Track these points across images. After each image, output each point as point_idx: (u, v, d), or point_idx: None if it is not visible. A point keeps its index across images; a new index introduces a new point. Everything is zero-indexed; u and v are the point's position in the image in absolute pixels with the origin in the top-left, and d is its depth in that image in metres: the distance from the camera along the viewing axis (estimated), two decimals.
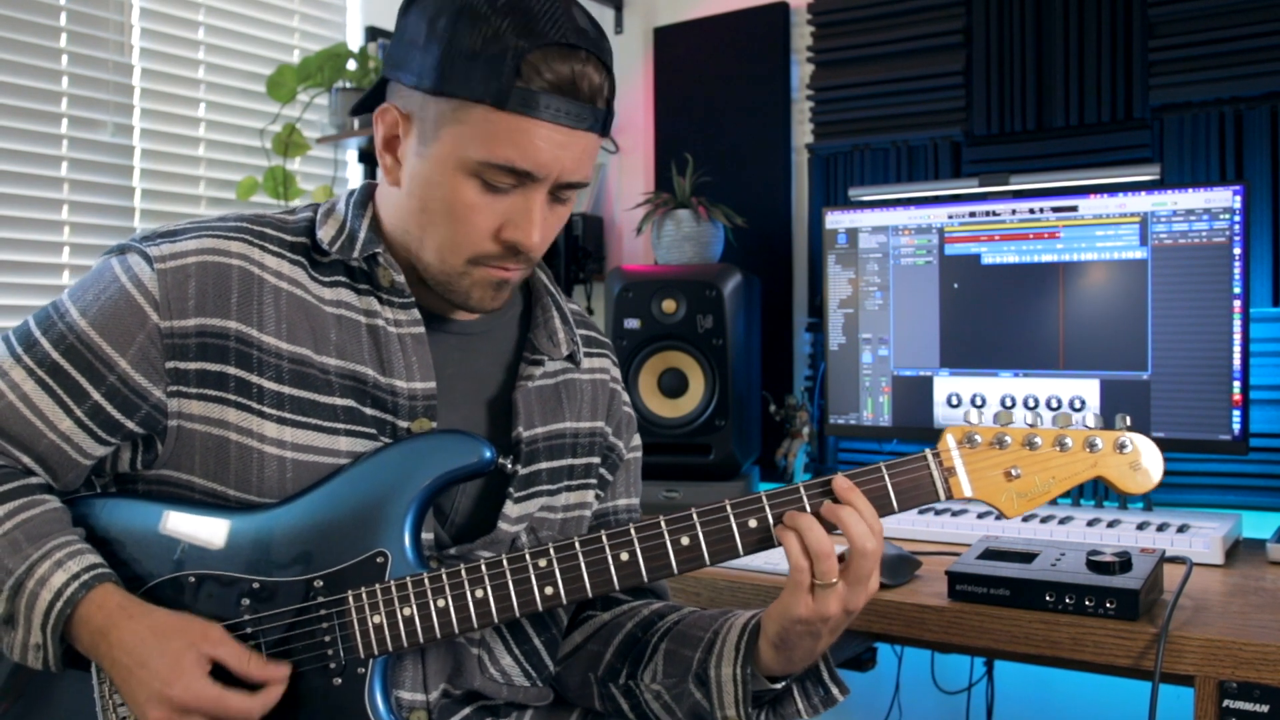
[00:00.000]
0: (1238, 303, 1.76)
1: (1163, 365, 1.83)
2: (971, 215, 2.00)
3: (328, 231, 1.15)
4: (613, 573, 1.07)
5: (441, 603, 1.06)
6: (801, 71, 2.46)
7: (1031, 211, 1.94)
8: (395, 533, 1.07)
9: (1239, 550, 1.71)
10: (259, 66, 2.85)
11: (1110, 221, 1.87)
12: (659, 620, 1.24)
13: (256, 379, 1.08)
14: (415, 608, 1.06)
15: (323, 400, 1.10)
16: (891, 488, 1.08)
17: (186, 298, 1.08)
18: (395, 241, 1.15)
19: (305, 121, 2.83)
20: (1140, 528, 1.70)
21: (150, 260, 1.09)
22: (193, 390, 1.08)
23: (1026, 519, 1.76)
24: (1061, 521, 1.75)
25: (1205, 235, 1.79)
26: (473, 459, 1.09)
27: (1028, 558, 1.45)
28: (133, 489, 1.13)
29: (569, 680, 1.26)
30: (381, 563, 1.07)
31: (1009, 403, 1.95)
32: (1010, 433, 1.10)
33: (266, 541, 1.07)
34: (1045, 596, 1.35)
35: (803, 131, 2.46)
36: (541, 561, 1.07)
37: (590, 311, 2.61)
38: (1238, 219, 1.76)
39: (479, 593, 1.06)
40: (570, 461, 1.24)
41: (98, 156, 2.53)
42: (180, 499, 1.10)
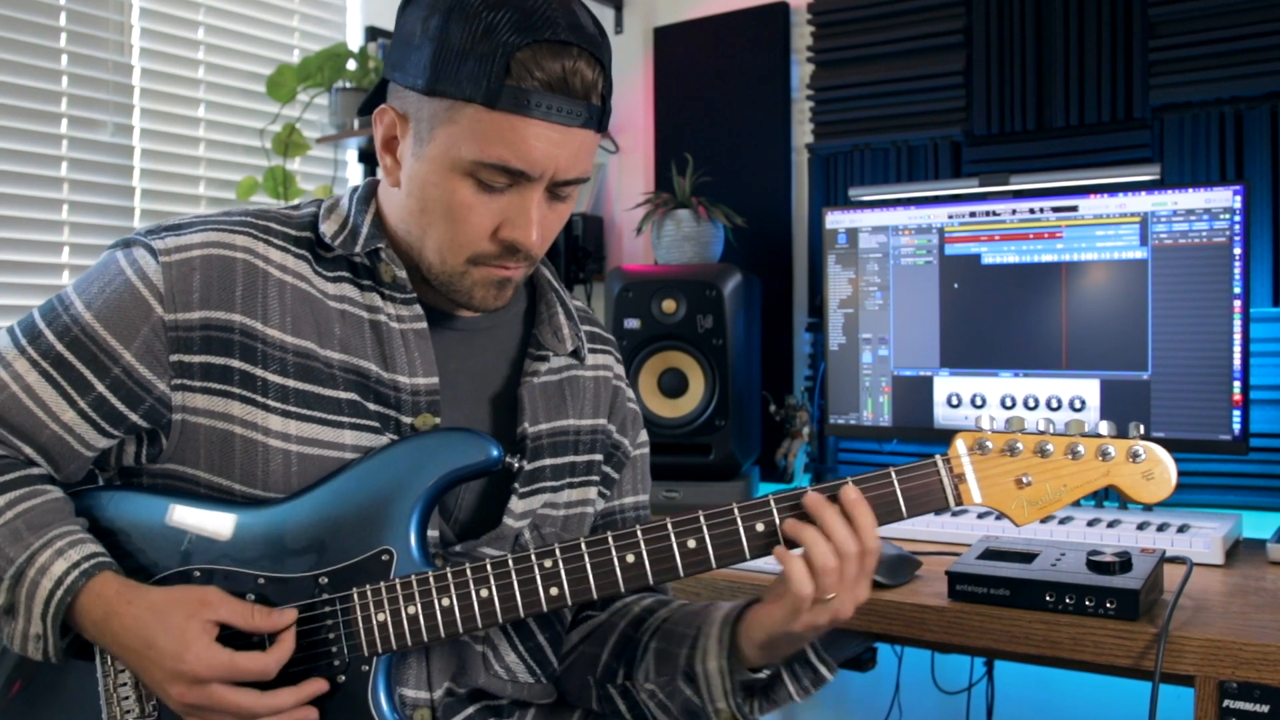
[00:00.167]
0: (1238, 303, 1.76)
1: (1163, 365, 1.83)
2: (971, 215, 2.00)
3: (330, 226, 1.15)
4: (618, 575, 1.07)
5: (446, 602, 1.06)
6: (801, 71, 2.46)
7: (1031, 211, 1.94)
8: (401, 531, 1.07)
9: (1239, 550, 1.71)
10: (259, 66, 2.85)
11: (1110, 221, 1.87)
12: (649, 616, 1.24)
13: (261, 372, 1.08)
14: (420, 606, 1.06)
15: (327, 394, 1.10)
16: (901, 494, 1.07)
17: (191, 291, 1.08)
18: (399, 239, 1.15)
19: (305, 121, 2.83)
20: (1140, 528, 1.70)
21: (155, 253, 1.09)
22: (197, 384, 1.08)
23: None
24: (1061, 521, 1.75)
25: (1205, 235, 1.79)
26: (480, 457, 1.09)
27: (1028, 558, 1.45)
28: (138, 482, 1.13)
29: (568, 683, 1.26)
30: (387, 560, 1.07)
31: (1009, 403, 1.96)
32: (1022, 439, 1.07)
33: (272, 537, 1.07)
34: (1045, 596, 1.35)
35: (803, 131, 2.46)
36: (547, 562, 1.07)
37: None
38: (1238, 219, 1.77)
39: (484, 592, 1.06)
40: (573, 458, 1.24)
41: (98, 156, 2.53)
42: (186, 493, 1.10)
